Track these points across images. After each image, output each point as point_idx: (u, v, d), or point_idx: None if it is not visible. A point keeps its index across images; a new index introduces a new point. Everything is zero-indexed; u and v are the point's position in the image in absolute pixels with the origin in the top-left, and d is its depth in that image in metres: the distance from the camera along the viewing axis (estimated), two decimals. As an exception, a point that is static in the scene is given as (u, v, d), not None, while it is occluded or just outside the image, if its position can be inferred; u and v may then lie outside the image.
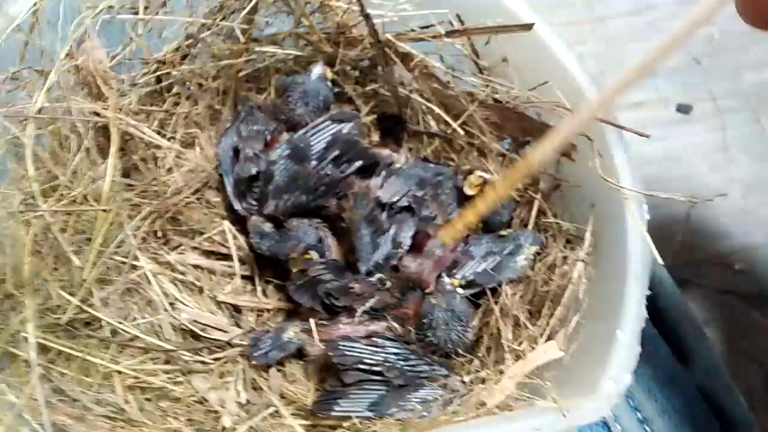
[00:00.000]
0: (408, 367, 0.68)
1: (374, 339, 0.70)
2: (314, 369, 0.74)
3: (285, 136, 0.82)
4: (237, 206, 0.79)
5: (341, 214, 0.76)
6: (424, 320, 0.70)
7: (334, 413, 0.67)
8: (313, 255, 0.74)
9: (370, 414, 0.67)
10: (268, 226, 0.77)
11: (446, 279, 0.73)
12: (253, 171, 0.78)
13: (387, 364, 0.68)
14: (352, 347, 0.69)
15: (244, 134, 0.80)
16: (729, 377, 0.85)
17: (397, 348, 0.70)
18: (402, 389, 0.68)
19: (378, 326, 0.72)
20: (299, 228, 0.76)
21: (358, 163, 0.77)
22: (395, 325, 0.71)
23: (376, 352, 0.69)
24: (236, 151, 0.80)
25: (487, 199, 0.64)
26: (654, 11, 1.17)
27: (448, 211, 0.78)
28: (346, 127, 0.78)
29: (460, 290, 0.73)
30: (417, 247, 0.76)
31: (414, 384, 0.68)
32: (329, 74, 0.81)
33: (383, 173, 0.77)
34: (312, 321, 0.72)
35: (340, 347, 0.69)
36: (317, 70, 0.80)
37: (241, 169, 0.79)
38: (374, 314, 0.73)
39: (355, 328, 0.72)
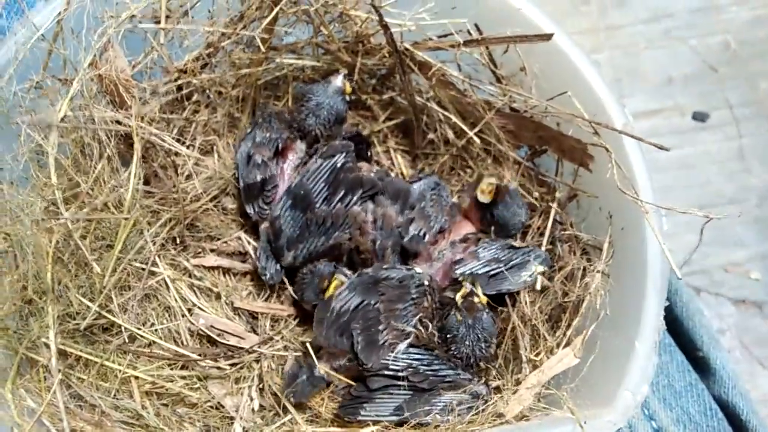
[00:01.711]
0: (431, 372, 0.69)
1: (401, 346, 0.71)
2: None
3: (299, 144, 0.82)
4: (249, 210, 0.80)
5: (359, 247, 0.77)
6: (449, 335, 0.70)
7: (360, 417, 0.68)
8: (342, 278, 0.75)
9: (394, 418, 0.67)
10: None
11: (475, 298, 0.71)
12: (258, 178, 0.78)
13: (411, 369, 0.68)
14: (385, 362, 0.69)
15: (258, 141, 0.80)
16: (744, 386, 0.85)
17: (420, 353, 0.70)
18: (426, 393, 0.68)
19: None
20: (316, 266, 0.77)
21: (359, 192, 0.77)
22: (420, 329, 0.71)
23: (400, 358, 0.69)
24: (249, 158, 0.80)
25: None
26: (669, 19, 1.17)
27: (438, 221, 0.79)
28: (340, 160, 0.78)
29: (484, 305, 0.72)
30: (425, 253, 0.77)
31: (438, 388, 0.68)
32: (348, 88, 0.81)
33: (388, 199, 0.78)
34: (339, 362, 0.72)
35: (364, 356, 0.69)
36: (336, 83, 0.80)
37: (247, 175, 0.79)
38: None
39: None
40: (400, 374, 0.68)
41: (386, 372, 0.68)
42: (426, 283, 0.72)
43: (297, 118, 0.81)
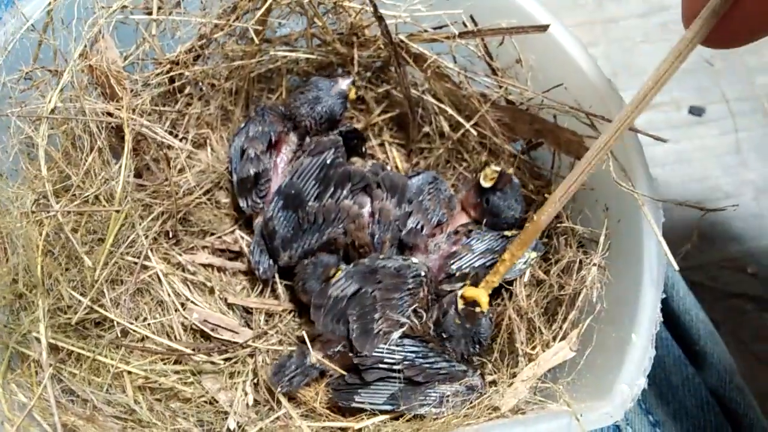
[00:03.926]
0: (427, 365, 0.68)
1: (395, 339, 0.70)
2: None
3: (292, 136, 0.82)
4: (242, 204, 0.79)
5: (356, 241, 0.76)
6: (444, 333, 0.70)
7: (354, 404, 0.67)
8: (343, 266, 0.74)
9: (388, 407, 0.67)
10: None
11: (477, 308, 0.70)
12: (251, 172, 0.78)
13: (406, 362, 0.68)
14: (376, 353, 0.69)
15: (251, 135, 0.80)
16: (741, 380, 0.85)
17: (416, 345, 0.69)
18: (422, 385, 0.68)
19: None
20: (319, 257, 0.76)
21: (348, 186, 0.77)
22: (415, 321, 0.70)
23: (396, 351, 0.69)
24: (243, 152, 0.80)
25: (506, 263, 0.69)
26: (666, 12, 1.17)
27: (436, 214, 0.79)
28: (329, 157, 0.77)
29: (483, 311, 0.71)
30: (422, 246, 0.77)
31: (433, 380, 0.68)
32: (352, 94, 0.80)
33: (385, 192, 0.77)
34: (333, 349, 0.71)
35: (366, 355, 0.69)
36: (342, 86, 0.80)
37: (240, 169, 0.79)
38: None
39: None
40: (395, 367, 0.67)
41: (381, 365, 0.68)
42: (422, 273, 0.71)
43: (291, 105, 0.81)
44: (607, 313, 0.64)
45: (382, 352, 0.68)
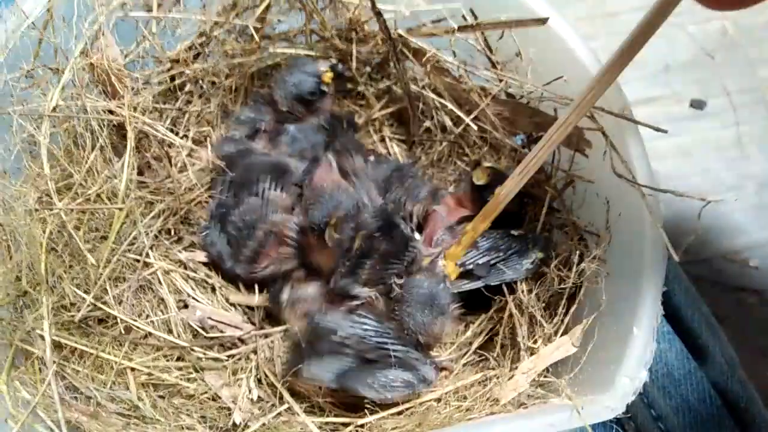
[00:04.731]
0: (380, 344, 0.68)
1: (354, 313, 0.70)
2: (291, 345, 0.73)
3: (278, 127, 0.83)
4: None
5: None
6: (405, 294, 0.70)
7: (303, 376, 0.67)
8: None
9: (334, 385, 0.67)
10: None
11: (441, 262, 0.72)
12: (225, 150, 0.79)
13: (361, 338, 0.68)
14: (330, 318, 0.69)
15: (242, 118, 0.82)
16: (744, 374, 0.85)
17: (375, 326, 0.69)
18: (371, 366, 0.67)
19: (363, 292, 0.72)
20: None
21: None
22: (378, 296, 0.71)
23: (353, 326, 0.68)
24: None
25: (469, 235, 0.71)
26: (666, 6, 1.16)
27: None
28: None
29: (452, 281, 0.72)
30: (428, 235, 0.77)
31: (384, 362, 0.67)
32: (327, 77, 0.80)
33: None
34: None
35: (317, 316, 0.69)
36: (319, 66, 0.80)
37: (218, 148, 0.80)
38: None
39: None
40: (347, 341, 0.67)
41: (334, 338, 0.68)
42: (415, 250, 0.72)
43: (273, 89, 0.82)
44: (609, 306, 0.64)
45: (338, 324, 0.68)
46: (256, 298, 0.77)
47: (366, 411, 0.66)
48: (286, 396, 0.70)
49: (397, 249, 0.71)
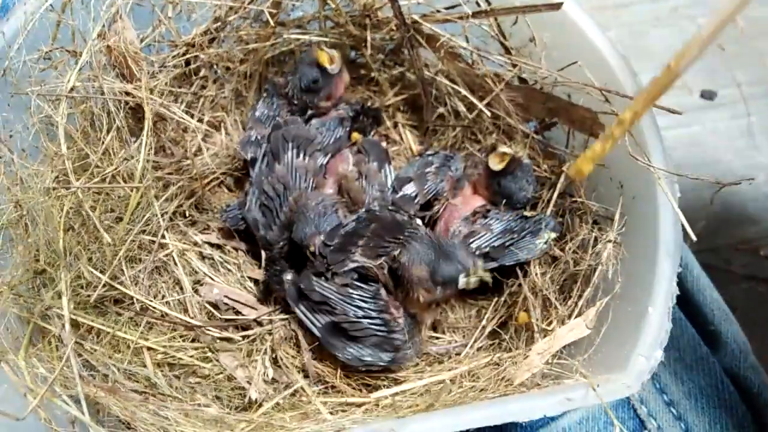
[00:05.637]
0: (359, 317, 0.69)
1: (348, 288, 0.70)
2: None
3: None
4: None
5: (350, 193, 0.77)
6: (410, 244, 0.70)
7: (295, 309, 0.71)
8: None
9: (317, 333, 0.70)
10: None
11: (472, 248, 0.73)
12: (248, 156, 0.79)
13: (325, 303, 0.69)
14: (324, 287, 0.70)
15: (257, 116, 0.81)
16: (756, 360, 0.85)
17: (366, 301, 0.70)
18: (349, 335, 0.69)
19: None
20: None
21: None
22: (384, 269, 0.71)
23: (342, 300, 0.69)
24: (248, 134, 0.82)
25: (623, 123, 0.54)
26: (677, -3, 1.17)
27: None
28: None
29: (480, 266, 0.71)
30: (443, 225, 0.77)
31: (366, 337, 0.69)
32: (322, 59, 0.79)
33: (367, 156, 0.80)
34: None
35: (314, 282, 0.70)
36: (311, 53, 0.80)
37: (238, 151, 0.80)
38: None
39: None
40: (335, 310, 0.69)
41: (324, 307, 0.70)
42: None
43: (287, 84, 0.82)
44: (623, 288, 0.64)
45: (331, 296, 0.69)
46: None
47: (381, 392, 0.67)
48: (299, 377, 0.70)
49: (393, 227, 0.72)
